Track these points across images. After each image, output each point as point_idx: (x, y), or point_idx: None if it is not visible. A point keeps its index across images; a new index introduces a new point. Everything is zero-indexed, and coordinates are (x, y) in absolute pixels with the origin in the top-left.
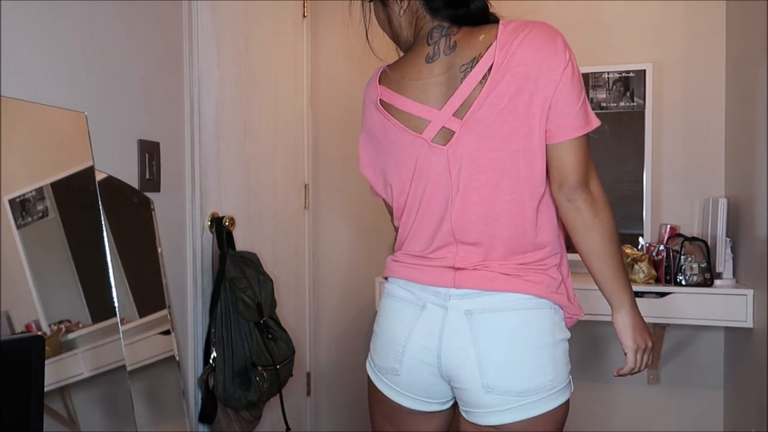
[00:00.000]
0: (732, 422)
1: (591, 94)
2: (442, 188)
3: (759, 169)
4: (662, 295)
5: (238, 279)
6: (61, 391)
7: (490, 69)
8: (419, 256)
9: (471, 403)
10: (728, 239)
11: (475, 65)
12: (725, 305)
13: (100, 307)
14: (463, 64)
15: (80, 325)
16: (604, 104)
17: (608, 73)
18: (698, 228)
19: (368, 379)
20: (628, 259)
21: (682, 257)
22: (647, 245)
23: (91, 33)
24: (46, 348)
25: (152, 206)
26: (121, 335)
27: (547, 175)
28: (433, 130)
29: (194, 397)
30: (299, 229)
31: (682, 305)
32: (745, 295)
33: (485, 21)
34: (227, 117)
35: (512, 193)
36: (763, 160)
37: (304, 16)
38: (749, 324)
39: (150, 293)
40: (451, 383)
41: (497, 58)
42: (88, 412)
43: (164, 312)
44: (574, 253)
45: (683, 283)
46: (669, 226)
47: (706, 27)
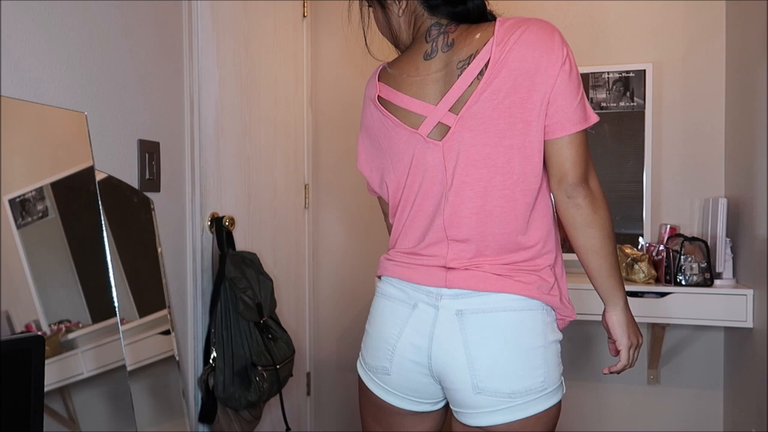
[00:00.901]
0: (732, 422)
1: (591, 94)
2: (437, 184)
3: (759, 169)
4: (662, 295)
5: (238, 279)
6: (61, 391)
7: (486, 65)
8: (411, 253)
9: (461, 404)
10: (728, 239)
11: (471, 61)
12: (725, 305)
13: (100, 307)
14: (460, 61)
15: (80, 325)
16: (604, 104)
17: (608, 73)
18: (698, 228)
19: (359, 379)
20: (628, 259)
21: (682, 257)
22: (647, 245)
23: (91, 33)
24: (46, 348)
25: (152, 206)
26: (121, 335)
27: (546, 171)
28: (429, 126)
29: (194, 397)
30: (299, 229)
31: (682, 305)
32: (745, 295)
33: (483, 19)
34: (227, 117)
35: (504, 189)
36: (763, 160)
37: (304, 16)
38: (749, 324)
39: (150, 293)
40: (441, 383)
41: (494, 54)
42: (88, 412)
43: (164, 312)
44: (570, 253)
45: (683, 283)
46: (669, 226)
47: (706, 27)
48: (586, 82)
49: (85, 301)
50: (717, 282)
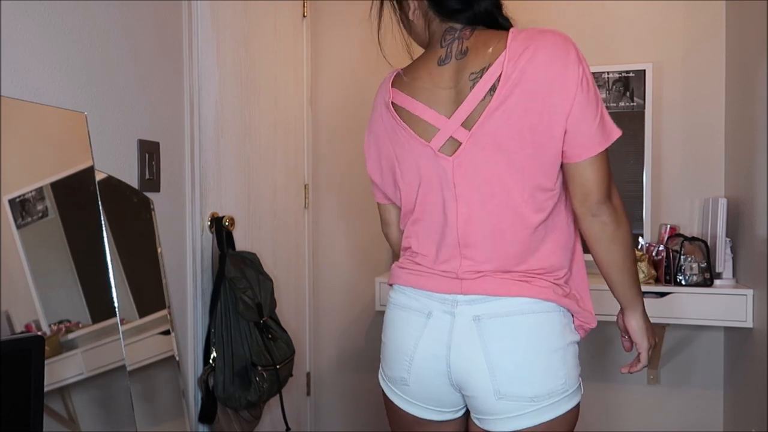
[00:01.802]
0: (732, 422)
1: None
2: (448, 199)
3: (759, 169)
4: (662, 295)
5: (238, 279)
6: (61, 391)
7: (498, 79)
8: (424, 265)
9: (483, 410)
10: (728, 239)
11: (483, 74)
12: (725, 305)
13: (100, 307)
14: (473, 73)
15: (80, 325)
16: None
17: (608, 73)
18: (698, 228)
19: (382, 392)
20: None
21: (682, 257)
22: (647, 245)
23: (91, 33)
24: (46, 348)
25: (152, 206)
26: (121, 335)
27: (566, 189)
28: (441, 139)
29: (194, 397)
30: (299, 229)
31: (682, 305)
32: (745, 295)
33: (495, 24)
34: (227, 117)
35: (516, 209)
36: (763, 160)
37: (304, 16)
38: (749, 324)
39: (150, 293)
40: (461, 391)
41: (506, 69)
42: (88, 412)
43: (164, 312)
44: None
45: (683, 283)
46: (669, 226)
47: (706, 27)
48: None
49: (85, 301)
50: (717, 282)
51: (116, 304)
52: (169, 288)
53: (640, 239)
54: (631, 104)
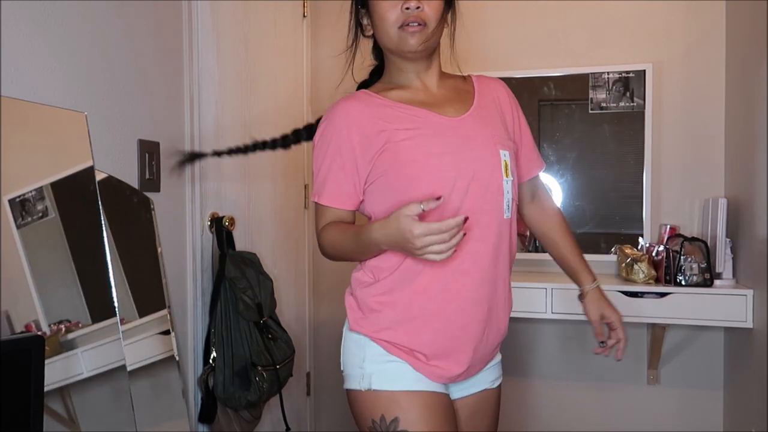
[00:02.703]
0: (732, 422)
1: (591, 94)
2: None
3: (759, 169)
4: (662, 295)
5: (238, 279)
6: (61, 391)
7: None
8: None
9: None
10: (728, 239)
11: None
12: (725, 305)
13: (100, 307)
14: None
15: (80, 325)
16: (604, 104)
17: (608, 73)
18: (698, 228)
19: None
20: (628, 259)
21: (681, 257)
22: (647, 245)
23: (91, 33)
24: (46, 348)
25: (152, 206)
26: (121, 335)
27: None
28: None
29: (194, 397)
30: (299, 229)
31: (682, 305)
32: (745, 295)
33: None
34: (227, 117)
35: None
36: (763, 160)
37: (304, 16)
38: (749, 324)
39: (150, 293)
40: None
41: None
42: (88, 412)
43: (164, 312)
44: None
45: (683, 283)
46: (669, 227)
47: (706, 27)
48: (586, 82)
49: (85, 301)
50: (717, 282)
51: (116, 304)
52: (169, 288)
53: (640, 239)
54: (631, 104)
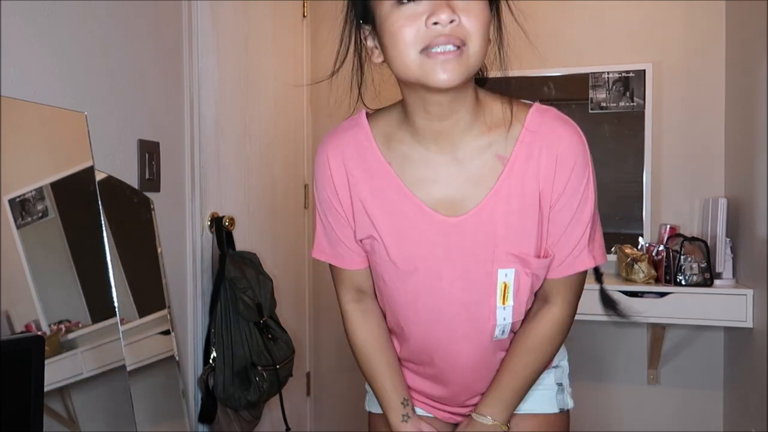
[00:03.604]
0: (732, 422)
1: (591, 94)
2: None
3: (759, 169)
4: (662, 295)
5: (238, 279)
6: (61, 391)
7: None
8: None
9: None
10: (728, 239)
11: None
12: (725, 305)
13: (100, 307)
14: None
15: (80, 325)
16: (604, 104)
17: (608, 73)
18: (698, 228)
19: None
20: (628, 259)
21: (681, 257)
22: (647, 245)
23: (92, 33)
24: (46, 348)
25: (152, 206)
26: (120, 335)
27: None
28: None
29: (194, 397)
30: (299, 229)
31: (682, 305)
32: (745, 295)
33: None
34: (227, 117)
35: None
36: (763, 160)
37: (304, 16)
38: (749, 324)
39: (150, 293)
40: None
41: None
42: (88, 412)
43: (164, 312)
44: None
45: (683, 283)
46: (669, 226)
47: (706, 27)
48: (586, 82)
49: (85, 301)
50: (717, 282)
51: (116, 304)
52: (169, 288)
53: (640, 239)
54: (631, 104)
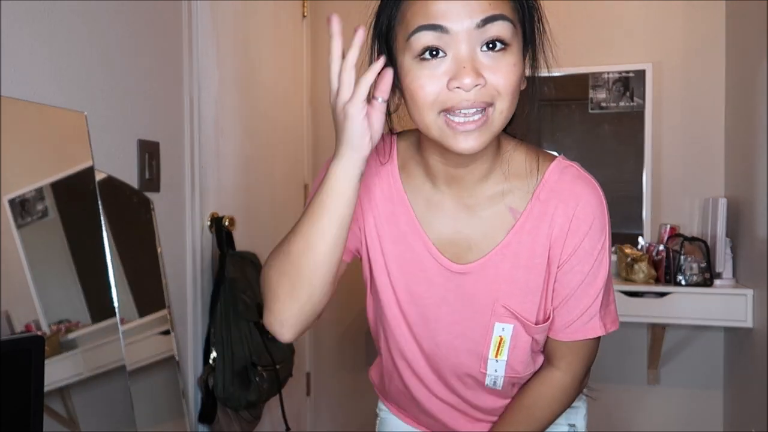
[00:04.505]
0: (732, 422)
1: (591, 94)
2: None
3: (759, 169)
4: (662, 295)
5: (237, 279)
6: (61, 391)
7: None
8: None
9: None
10: (728, 239)
11: None
12: (725, 305)
13: (100, 307)
14: None
15: (80, 325)
16: (604, 104)
17: (608, 73)
18: (698, 228)
19: None
20: (628, 259)
21: (681, 257)
22: (647, 245)
23: (91, 33)
24: (46, 348)
25: (152, 206)
26: (120, 335)
27: None
28: None
29: (194, 397)
30: None
31: (682, 305)
32: (745, 295)
33: None
34: (227, 117)
35: None
36: (763, 160)
37: (304, 16)
38: (749, 324)
39: (150, 293)
40: None
41: None
42: (88, 412)
43: (164, 312)
44: None
45: (683, 283)
46: (669, 226)
47: (706, 27)
48: (586, 82)
49: (85, 301)
50: (717, 282)
51: (116, 304)
52: (169, 288)
53: (640, 239)
54: (631, 104)
